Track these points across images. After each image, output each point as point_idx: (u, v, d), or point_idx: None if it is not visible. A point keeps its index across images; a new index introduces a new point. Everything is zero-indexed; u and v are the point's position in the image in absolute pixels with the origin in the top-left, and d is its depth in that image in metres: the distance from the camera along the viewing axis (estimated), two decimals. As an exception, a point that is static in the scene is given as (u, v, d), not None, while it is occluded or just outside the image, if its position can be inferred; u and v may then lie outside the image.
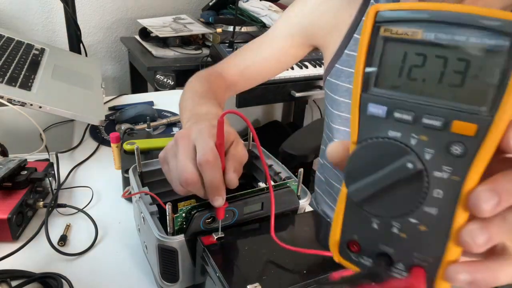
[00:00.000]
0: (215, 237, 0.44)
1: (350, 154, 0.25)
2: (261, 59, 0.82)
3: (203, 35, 1.64)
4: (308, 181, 1.46)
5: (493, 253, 0.24)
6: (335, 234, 0.27)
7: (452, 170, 0.22)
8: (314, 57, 1.54)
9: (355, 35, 0.70)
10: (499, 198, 0.21)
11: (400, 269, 0.25)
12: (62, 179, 0.72)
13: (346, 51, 0.71)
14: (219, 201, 0.42)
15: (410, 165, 0.22)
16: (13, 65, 0.83)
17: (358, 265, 0.26)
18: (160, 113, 1.00)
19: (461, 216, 0.22)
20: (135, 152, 0.53)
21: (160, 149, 0.68)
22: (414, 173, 0.22)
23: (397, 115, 0.23)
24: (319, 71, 1.48)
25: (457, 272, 0.22)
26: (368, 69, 0.24)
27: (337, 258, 0.27)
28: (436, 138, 0.22)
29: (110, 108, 1.02)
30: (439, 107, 0.22)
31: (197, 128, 0.45)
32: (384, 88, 0.23)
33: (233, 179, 0.42)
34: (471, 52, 0.21)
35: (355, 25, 0.70)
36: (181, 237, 0.44)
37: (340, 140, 0.77)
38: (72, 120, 0.92)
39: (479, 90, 0.21)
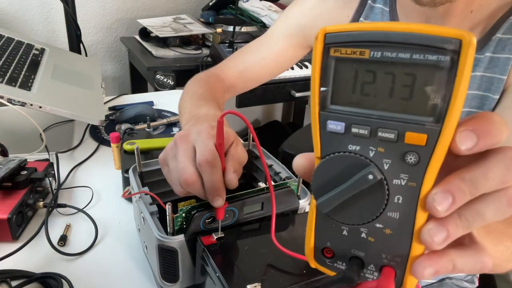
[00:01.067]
0: (215, 237, 0.44)
1: (315, 168, 0.26)
2: (260, 60, 0.82)
3: (203, 35, 1.64)
4: (308, 181, 1.46)
5: (461, 244, 0.25)
6: (309, 243, 0.29)
7: (408, 177, 0.23)
8: (314, 57, 1.54)
9: None
10: (452, 198, 0.22)
11: (371, 270, 0.27)
12: (62, 179, 0.72)
13: None
14: (219, 201, 0.42)
15: (371, 176, 0.24)
16: (13, 65, 0.83)
17: (333, 270, 0.28)
18: (160, 113, 1.00)
19: (421, 217, 0.24)
20: (135, 152, 0.53)
21: (160, 149, 0.69)
22: (375, 183, 0.24)
23: (354, 130, 0.24)
24: (319, 71, 1.48)
25: (422, 267, 0.24)
26: (323, 88, 0.25)
27: (313, 264, 0.29)
28: (392, 149, 0.23)
29: (110, 108, 1.02)
30: (392, 120, 0.23)
31: (196, 129, 0.45)
32: (340, 105, 0.25)
33: (233, 180, 0.42)
34: (416, 68, 0.22)
35: None
36: (181, 237, 0.44)
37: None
38: (72, 120, 0.92)
39: (426, 103, 0.22)
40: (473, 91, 0.62)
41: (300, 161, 0.29)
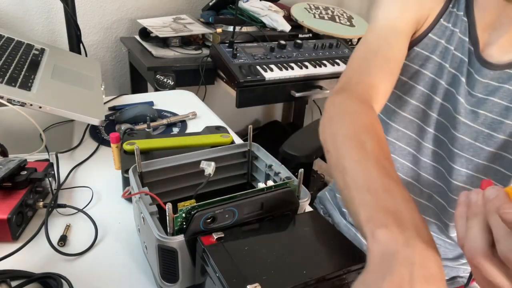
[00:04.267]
0: (215, 237, 0.44)
1: None
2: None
3: (203, 35, 1.64)
4: (308, 182, 1.46)
5: None
6: None
7: None
8: (314, 57, 1.54)
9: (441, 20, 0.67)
10: None
11: None
12: (62, 179, 0.72)
13: (430, 35, 0.67)
14: None
15: None
16: (13, 65, 0.83)
17: None
18: (160, 113, 1.00)
19: None
20: (135, 152, 0.53)
21: (160, 149, 0.69)
22: None
23: None
24: (319, 71, 1.48)
25: None
26: None
27: None
28: None
29: (110, 108, 1.02)
30: None
31: (422, 274, 0.32)
32: None
33: None
34: None
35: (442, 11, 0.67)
36: (181, 237, 0.44)
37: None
38: (72, 120, 0.92)
39: None
40: None
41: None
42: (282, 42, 1.53)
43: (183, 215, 0.44)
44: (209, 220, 0.45)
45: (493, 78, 0.63)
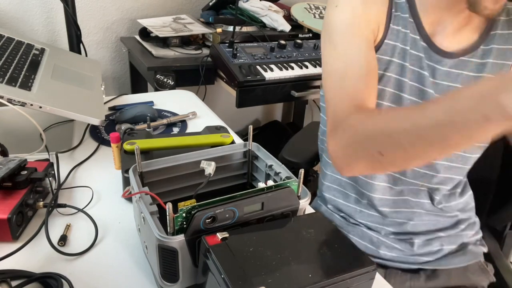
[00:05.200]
0: (220, 237, 0.43)
1: None
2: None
3: (203, 35, 1.64)
4: (309, 181, 1.46)
5: None
6: None
7: None
8: (314, 57, 1.54)
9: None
10: None
11: None
12: (62, 179, 0.72)
13: (386, 40, 0.71)
14: None
15: None
16: (13, 65, 0.83)
17: None
18: (160, 113, 1.00)
19: None
20: (135, 152, 0.53)
21: (160, 149, 0.69)
22: None
23: None
24: (319, 71, 1.48)
25: None
26: None
27: None
28: None
29: (110, 108, 1.02)
30: None
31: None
32: None
33: None
34: None
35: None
36: (181, 237, 0.44)
37: None
38: (72, 120, 0.92)
39: None
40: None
41: None
42: (282, 42, 1.53)
43: (184, 215, 0.44)
44: (209, 220, 0.45)
45: (452, 66, 0.71)
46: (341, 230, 0.49)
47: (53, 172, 0.69)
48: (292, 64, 1.46)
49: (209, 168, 0.54)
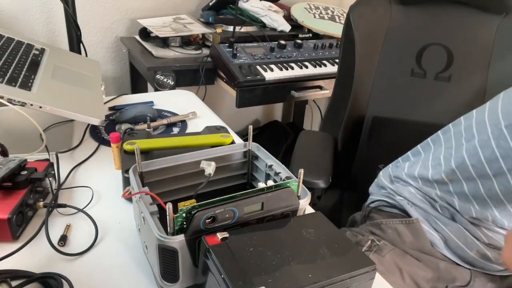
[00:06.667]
0: (220, 237, 0.43)
1: None
2: None
3: (203, 35, 1.64)
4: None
5: None
6: None
7: None
8: (314, 57, 1.54)
9: None
10: None
11: None
12: (62, 179, 0.72)
13: None
14: None
15: None
16: (13, 65, 0.83)
17: None
18: (160, 113, 1.00)
19: None
20: (135, 152, 0.53)
21: (160, 149, 0.69)
22: None
23: None
24: (319, 71, 1.48)
25: None
26: None
27: None
28: None
29: (110, 108, 1.02)
30: None
31: None
32: None
33: None
34: None
35: None
36: (181, 237, 0.44)
37: None
38: (72, 120, 0.92)
39: None
40: None
41: None
42: (282, 42, 1.53)
43: (184, 215, 0.44)
44: (209, 220, 0.45)
45: None
46: (341, 230, 0.49)
47: (53, 172, 0.69)
48: (292, 64, 1.46)
49: (209, 168, 0.54)
